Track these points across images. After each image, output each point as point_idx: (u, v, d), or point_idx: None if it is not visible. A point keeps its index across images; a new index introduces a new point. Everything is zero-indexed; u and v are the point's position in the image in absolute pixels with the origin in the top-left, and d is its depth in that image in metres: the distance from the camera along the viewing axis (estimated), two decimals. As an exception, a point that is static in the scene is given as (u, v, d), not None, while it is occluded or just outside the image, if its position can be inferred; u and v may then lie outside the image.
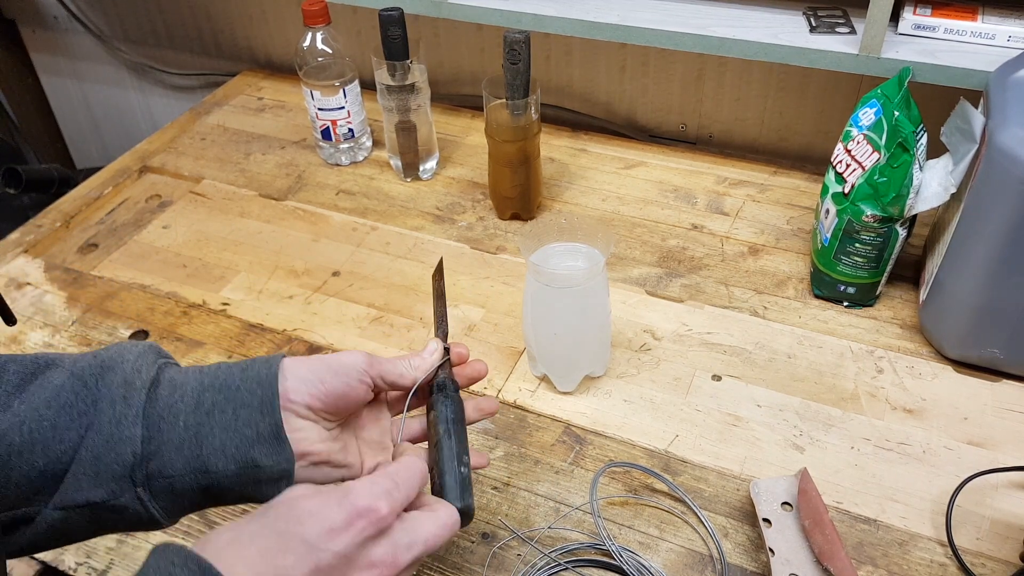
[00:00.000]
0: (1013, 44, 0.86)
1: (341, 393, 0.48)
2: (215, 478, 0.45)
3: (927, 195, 0.74)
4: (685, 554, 0.62)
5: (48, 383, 0.44)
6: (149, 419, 0.45)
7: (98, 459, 0.43)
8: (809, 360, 0.77)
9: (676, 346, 0.79)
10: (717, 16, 0.96)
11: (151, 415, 0.45)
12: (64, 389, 0.44)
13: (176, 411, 0.45)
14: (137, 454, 0.44)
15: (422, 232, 0.96)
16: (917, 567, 0.60)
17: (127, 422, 0.44)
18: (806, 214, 0.95)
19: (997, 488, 0.65)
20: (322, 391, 0.48)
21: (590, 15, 0.97)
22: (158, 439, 0.44)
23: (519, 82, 0.85)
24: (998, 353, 0.73)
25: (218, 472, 0.45)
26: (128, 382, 0.45)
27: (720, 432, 0.71)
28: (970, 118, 0.70)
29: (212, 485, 0.45)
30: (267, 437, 0.45)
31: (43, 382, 0.45)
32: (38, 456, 0.43)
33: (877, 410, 0.72)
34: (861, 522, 0.63)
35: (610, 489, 0.66)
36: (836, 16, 0.95)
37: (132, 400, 0.44)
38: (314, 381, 0.48)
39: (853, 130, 0.79)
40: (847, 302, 0.82)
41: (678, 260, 0.90)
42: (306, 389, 0.47)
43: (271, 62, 1.36)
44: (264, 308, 0.86)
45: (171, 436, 0.45)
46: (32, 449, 0.43)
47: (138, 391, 0.45)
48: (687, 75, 1.08)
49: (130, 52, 1.48)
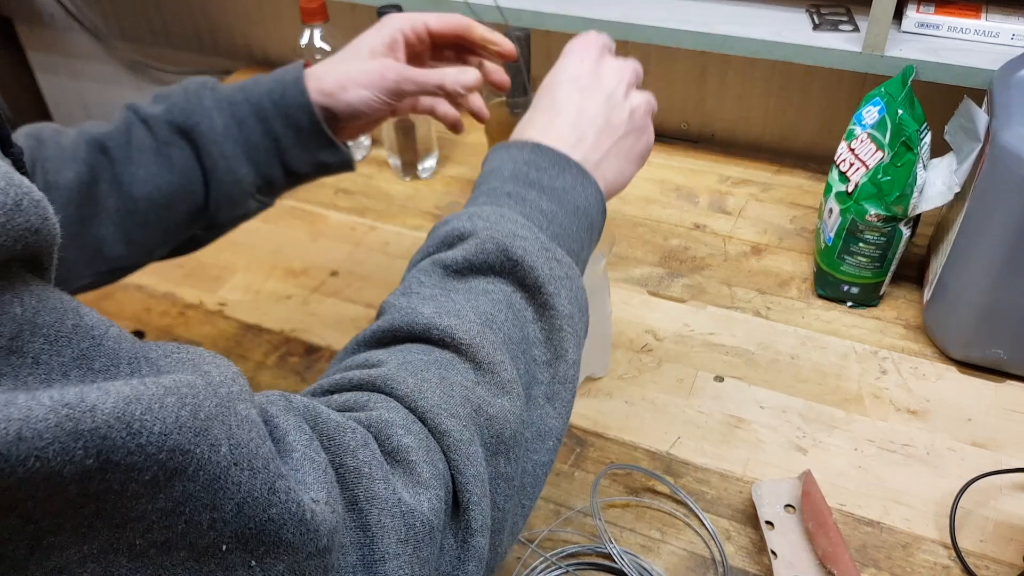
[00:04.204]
0: (1017, 42, 0.86)
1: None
2: (300, 177, 0.63)
3: (931, 194, 0.73)
4: (687, 557, 0.61)
5: (158, 153, 0.59)
6: (248, 156, 0.60)
7: (228, 196, 0.60)
8: (812, 361, 0.76)
9: (678, 347, 0.79)
10: (720, 13, 0.96)
11: (247, 152, 0.60)
12: (174, 156, 0.59)
13: (261, 146, 0.60)
14: (251, 183, 0.61)
15: (421, 232, 0.95)
16: (921, 569, 0.60)
17: (235, 165, 0.59)
18: (809, 213, 0.95)
19: (1001, 490, 0.65)
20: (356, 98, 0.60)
21: (591, 12, 0.97)
22: (258, 171, 0.61)
23: (519, 80, 0.85)
24: (1002, 354, 0.72)
25: (302, 173, 0.62)
26: (214, 128, 0.59)
27: (722, 434, 0.70)
28: (974, 117, 0.70)
29: (299, 179, 0.63)
30: (324, 144, 0.60)
31: (141, 147, 0.58)
32: (182, 205, 0.60)
33: (881, 411, 0.71)
34: (865, 524, 0.63)
35: (611, 491, 0.66)
36: (839, 14, 0.94)
37: (227, 150, 0.59)
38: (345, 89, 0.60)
39: (856, 129, 0.78)
40: (851, 302, 0.82)
41: (680, 260, 0.89)
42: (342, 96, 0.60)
43: (269, 60, 1.35)
44: (262, 308, 0.86)
45: (265, 164, 0.61)
46: (175, 204, 0.59)
47: (231, 139, 0.59)
48: (689, 73, 1.08)
49: (127, 50, 1.48)
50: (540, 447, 0.42)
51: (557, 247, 0.46)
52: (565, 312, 0.44)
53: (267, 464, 0.27)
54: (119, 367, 0.25)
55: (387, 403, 0.37)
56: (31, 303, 0.23)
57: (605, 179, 0.51)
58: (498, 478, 0.39)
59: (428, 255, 0.46)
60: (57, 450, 0.21)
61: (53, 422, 0.21)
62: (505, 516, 0.39)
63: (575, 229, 0.48)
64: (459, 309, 0.42)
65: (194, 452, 0.25)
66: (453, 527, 0.36)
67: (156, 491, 0.24)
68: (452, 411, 0.37)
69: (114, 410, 0.23)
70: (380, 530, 0.32)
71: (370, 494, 0.33)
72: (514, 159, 0.49)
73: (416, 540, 0.34)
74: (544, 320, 0.44)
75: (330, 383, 0.40)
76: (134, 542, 0.24)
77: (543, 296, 0.43)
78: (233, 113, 0.59)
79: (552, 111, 0.52)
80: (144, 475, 0.24)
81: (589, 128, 0.51)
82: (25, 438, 0.21)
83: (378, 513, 0.33)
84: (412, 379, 0.38)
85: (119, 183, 0.57)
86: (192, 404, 0.25)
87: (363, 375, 0.39)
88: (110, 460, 0.23)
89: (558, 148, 0.50)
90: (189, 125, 0.58)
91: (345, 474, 0.33)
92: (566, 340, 0.44)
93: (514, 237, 0.44)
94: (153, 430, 0.24)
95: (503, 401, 0.40)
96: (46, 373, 0.23)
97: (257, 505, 0.27)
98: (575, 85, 0.52)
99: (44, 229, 0.24)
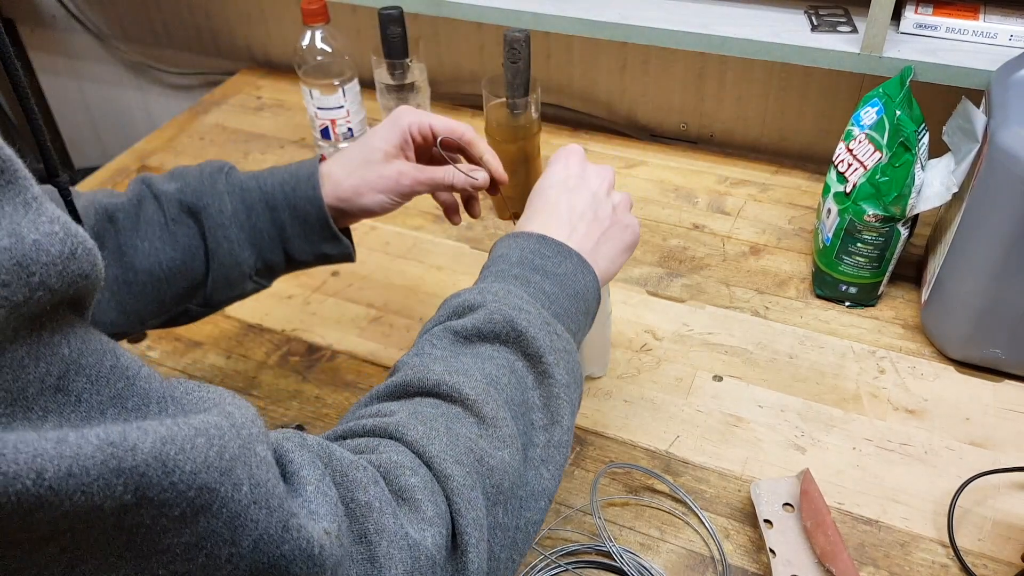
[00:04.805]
0: (1015, 43, 0.86)
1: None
2: (300, 264, 0.64)
3: (929, 194, 0.74)
4: (686, 555, 0.61)
5: (165, 229, 0.60)
6: (252, 241, 0.61)
7: (227, 277, 0.61)
8: (811, 360, 0.77)
9: (677, 346, 0.79)
10: (718, 15, 0.96)
11: (252, 238, 0.61)
12: (179, 234, 0.60)
13: (265, 233, 0.62)
14: (251, 266, 0.62)
15: (421, 232, 0.95)
16: (919, 568, 0.60)
17: (238, 249, 0.61)
18: (808, 214, 0.95)
19: (999, 489, 0.65)
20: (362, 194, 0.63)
21: (591, 13, 0.97)
22: (260, 256, 0.62)
23: (519, 81, 0.85)
24: (1000, 353, 0.72)
25: (302, 261, 0.64)
26: (223, 212, 0.60)
27: (721, 433, 0.70)
28: (972, 117, 0.70)
29: (299, 266, 0.65)
30: (329, 238, 0.62)
31: (150, 221, 0.60)
32: (181, 281, 0.60)
33: (879, 411, 0.72)
34: (863, 523, 0.63)
35: (611, 490, 0.66)
36: (838, 15, 0.94)
37: (232, 234, 0.60)
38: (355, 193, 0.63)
39: (855, 129, 0.78)
40: (849, 302, 0.82)
41: (679, 260, 0.90)
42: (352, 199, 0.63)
43: (270, 61, 1.36)
44: (263, 308, 0.86)
45: (268, 250, 0.63)
46: (174, 279, 0.60)
47: (237, 224, 0.61)
48: (688, 74, 1.08)
49: (128, 51, 1.48)
50: (533, 506, 0.44)
51: (558, 323, 0.50)
52: (563, 382, 0.47)
53: (282, 503, 0.29)
54: (149, 406, 0.27)
55: (396, 447, 0.40)
56: (76, 344, 0.25)
57: (599, 266, 0.56)
58: (496, 527, 0.41)
59: (439, 323, 0.50)
60: (101, 486, 0.23)
61: (99, 459, 0.23)
62: (499, 566, 0.42)
63: (573, 311, 0.53)
64: (467, 369, 0.45)
65: (219, 491, 0.27)
66: (451, 568, 0.38)
67: (183, 526, 0.26)
68: (456, 458, 0.40)
69: (152, 449, 0.24)
70: (388, 561, 0.34)
71: (379, 527, 0.35)
72: (520, 247, 0.54)
73: (420, 573, 0.36)
74: (543, 387, 0.47)
75: (344, 429, 0.43)
76: (156, 573, 0.26)
77: (543, 365, 0.47)
78: (244, 199, 0.61)
79: (545, 211, 0.57)
80: (174, 511, 0.25)
81: (580, 222, 0.56)
82: (75, 474, 0.22)
83: (387, 545, 0.35)
84: (421, 427, 0.41)
85: (122, 253, 0.59)
86: (219, 445, 0.27)
87: (376, 423, 0.42)
88: (145, 496, 0.24)
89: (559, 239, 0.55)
90: (199, 206, 0.60)
91: (356, 509, 0.35)
92: (562, 407, 0.47)
93: (519, 311, 0.48)
94: (185, 469, 0.25)
95: (503, 454, 0.42)
96: (87, 411, 0.25)
97: (272, 541, 0.29)
98: (564, 187, 0.58)
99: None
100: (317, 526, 0.31)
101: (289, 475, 0.32)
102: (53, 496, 0.22)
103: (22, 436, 0.22)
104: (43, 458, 0.22)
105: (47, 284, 0.23)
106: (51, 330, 0.24)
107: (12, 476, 0.21)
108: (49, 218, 0.24)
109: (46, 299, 0.23)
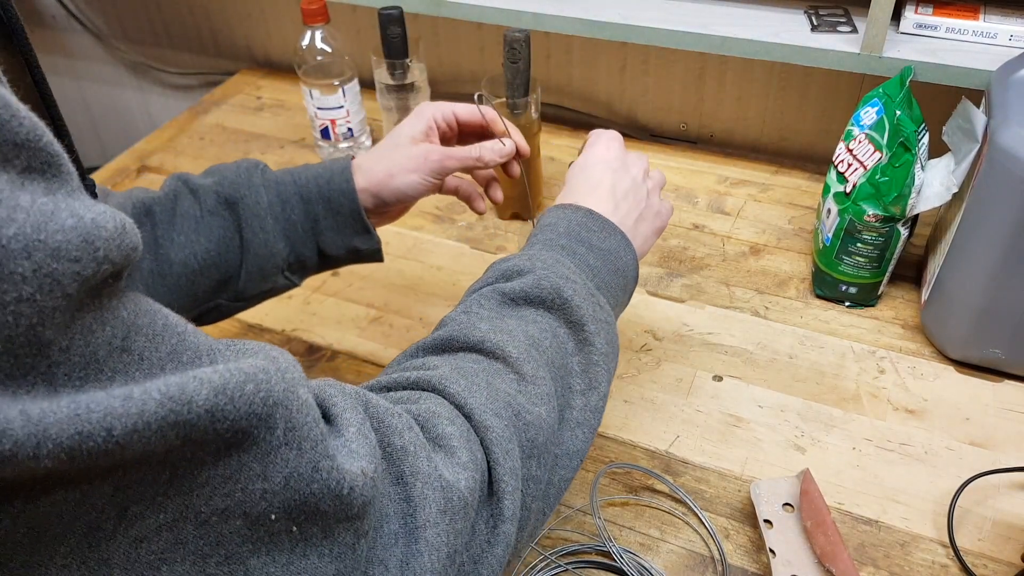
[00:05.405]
0: (1015, 43, 0.86)
1: None
2: (330, 260, 0.66)
3: (929, 195, 0.74)
4: (686, 555, 0.61)
5: (201, 221, 0.61)
6: (286, 233, 0.63)
7: (261, 269, 0.62)
8: (811, 360, 0.77)
9: (677, 346, 0.79)
10: (718, 15, 0.96)
11: (286, 230, 0.63)
12: (215, 226, 0.61)
13: (299, 225, 0.63)
14: (284, 259, 0.63)
15: (421, 232, 0.95)
16: (919, 568, 0.60)
17: (272, 240, 0.62)
18: (807, 214, 0.95)
19: (999, 489, 0.65)
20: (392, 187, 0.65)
21: (591, 14, 0.97)
22: (294, 249, 0.63)
23: (519, 81, 0.85)
24: (1000, 353, 0.72)
25: (333, 256, 0.65)
26: (259, 203, 0.62)
27: (721, 433, 0.70)
28: (972, 117, 0.70)
29: (329, 263, 0.66)
30: (361, 231, 0.64)
31: (185, 214, 0.61)
32: (214, 273, 0.61)
33: (879, 411, 0.72)
34: (863, 523, 0.63)
35: (611, 490, 0.66)
36: (837, 15, 0.94)
37: (267, 225, 0.62)
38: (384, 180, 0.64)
39: (855, 129, 0.78)
40: (848, 302, 0.82)
41: (679, 260, 0.90)
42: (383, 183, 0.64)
43: (270, 61, 1.36)
44: (263, 308, 0.86)
45: (301, 243, 0.64)
46: (208, 271, 0.61)
47: (272, 215, 0.62)
48: (688, 74, 1.08)
49: (129, 51, 1.48)
50: (567, 464, 0.47)
51: (600, 295, 0.53)
52: (602, 350, 0.50)
53: (315, 445, 0.31)
54: (201, 358, 0.29)
55: (436, 399, 0.42)
56: (131, 307, 0.27)
57: (636, 245, 0.59)
58: (529, 479, 0.43)
59: (488, 284, 0.52)
60: (159, 437, 0.25)
61: (160, 415, 0.25)
62: (529, 516, 0.43)
63: (614, 286, 0.55)
64: (511, 330, 0.48)
65: (252, 433, 0.29)
66: (485, 513, 0.40)
67: (217, 458, 0.28)
68: (496, 411, 0.42)
69: (206, 402, 0.27)
70: (422, 501, 0.36)
71: (414, 469, 0.37)
72: (568, 219, 0.56)
73: (452, 512, 0.37)
74: (583, 354, 0.49)
75: (388, 380, 0.44)
76: (200, 509, 0.28)
77: (584, 333, 0.49)
78: (279, 192, 0.63)
79: (589, 185, 0.59)
80: (210, 447, 0.28)
81: (623, 201, 0.59)
82: (139, 430, 0.25)
83: (421, 486, 0.36)
84: (463, 381, 0.43)
85: (157, 245, 0.60)
86: (265, 390, 0.29)
87: (419, 376, 0.44)
88: (190, 438, 0.26)
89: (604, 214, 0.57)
90: (236, 197, 0.61)
91: (392, 452, 0.36)
92: (600, 375, 0.50)
93: (566, 280, 0.50)
94: (229, 417, 0.28)
95: (540, 410, 0.44)
96: (148, 368, 0.27)
97: (302, 479, 0.31)
98: (608, 167, 0.60)
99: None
100: (355, 465, 0.32)
101: (332, 417, 0.34)
102: (118, 449, 0.24)
103: (92, 396, 0.24)
104: (112, 416, 0.24)
105: (110, 257, 0.25)
106: (109, 296, 0.26)
107: (86, 435, 0.23)
108: (93, 202, 0.26)
109: (108, 271, 0.25)
